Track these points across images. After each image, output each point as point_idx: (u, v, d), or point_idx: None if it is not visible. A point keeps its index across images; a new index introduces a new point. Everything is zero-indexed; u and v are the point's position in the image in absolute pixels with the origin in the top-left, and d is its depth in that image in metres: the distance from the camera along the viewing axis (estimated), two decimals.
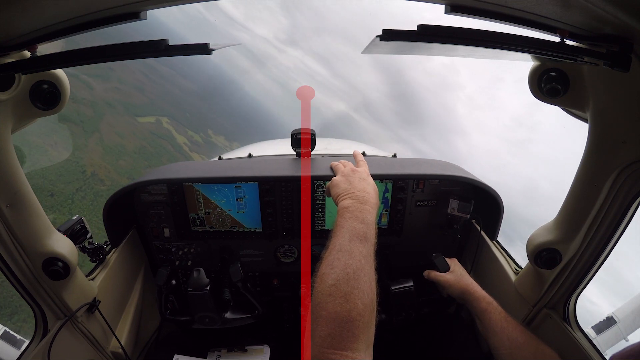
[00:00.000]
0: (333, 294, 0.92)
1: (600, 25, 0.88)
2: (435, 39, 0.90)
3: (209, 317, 1.86)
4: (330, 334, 0.87)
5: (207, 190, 1.91)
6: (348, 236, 1.07)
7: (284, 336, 2.18)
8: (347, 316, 0.89)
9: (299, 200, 1.93)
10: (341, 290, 0.93)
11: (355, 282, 0.94)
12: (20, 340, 2.29)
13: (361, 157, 1.58)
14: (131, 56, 1.00)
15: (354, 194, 1.27)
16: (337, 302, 0.91)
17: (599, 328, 2.62)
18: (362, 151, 2.75)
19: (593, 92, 1.11)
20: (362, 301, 0.92)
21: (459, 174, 1.86)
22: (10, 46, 0.97)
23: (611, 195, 1.17)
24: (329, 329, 0.88)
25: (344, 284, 0.94)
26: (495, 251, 1.84)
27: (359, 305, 0.91)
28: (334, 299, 0.91)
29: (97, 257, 1.73)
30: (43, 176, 21.66)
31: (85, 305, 1.54)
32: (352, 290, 0.93)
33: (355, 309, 0.90)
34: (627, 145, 1.07)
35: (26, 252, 1.28)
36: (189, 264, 2.09)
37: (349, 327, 0.88)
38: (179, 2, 0.94)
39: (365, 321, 0.91)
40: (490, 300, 1.54)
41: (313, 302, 0.96)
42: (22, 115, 1.20)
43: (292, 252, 2.10)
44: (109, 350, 1.74)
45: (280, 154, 2.74)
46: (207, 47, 0.90)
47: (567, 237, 1.32)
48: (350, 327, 0.88)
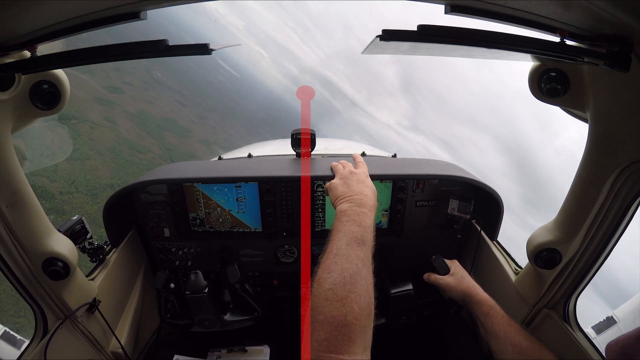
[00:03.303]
0: (329, 298, 0.93)
1: (600, 25, 0.88)
2: (435, 39, 0.90)
3: (208, 320, 1.86)
4: (327, 338, 0.88)
5: (207, 190, 1.91)
6: (345, 240, 1.07)
7: (284, 336, 2.18)
8: (343, 320, 0.89)
9: (299, 201, 1.93)
10: (337, 294, 0.93)
11: (352, 286, 0.95)
12: (20, 340, 2.28)
13: (360, 159, 1.57)
14: (131, 56, 1.00)
15: (352, 197, 1.27)
16: (333, 307, 0.91)
17: (599, 328, 2.62)
18: (362, 151, 2.76)
19: (593, 92, 1.11)
20: (358, 305, 0.92)
21: (459, 174, 1.86)
22: (10, 46, 0.97)
23: (611, 195, 1.17)
24: (325, 333, 0.89)
25: (341, 288, 0.94)
26: (495, 251, 1.84)
27: (355, 309, 0.91)
28: (330, 303, 0.92)
29: (97, 257, 1.73)
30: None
31: (85, 305, 1.54)
32: (349, 294, 0.93)
33: (351, 312, 0.91)
34: (627, 145, 1.07)
35: (26, 252, 1.28)
36: (189, 264, 2.08)
37: (345, 331, 0.89)
38: (179, 2, 0.94)
39: (361, 325, 0.91)
40: (492, 303, 1.53)
41: (311, 306, 0.96)
42: (22, 115, 1.20)
43: (292, 252, 2.10)
44: (109, 351, 1.74)
45: (280, 154, 2.74)
46: (207, 47, 0.90)
47: (567, 237, 1.32)
48: (346, 331, 0.89)
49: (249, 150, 2.81)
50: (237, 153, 3.25)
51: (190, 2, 0.94)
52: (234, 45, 1.27)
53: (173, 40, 0.91)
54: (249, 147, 3.53)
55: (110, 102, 30.87)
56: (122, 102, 33.04)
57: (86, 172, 18.84)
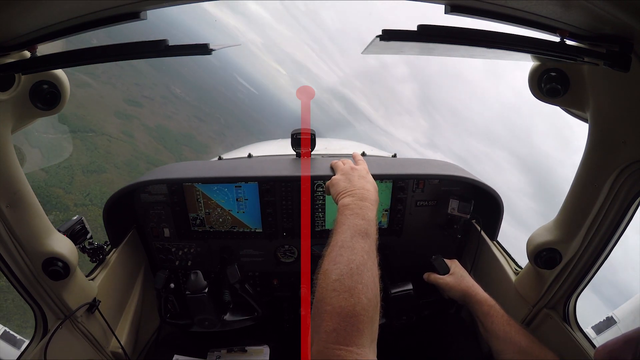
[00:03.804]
0: (337, 289, 0.92)
1: (600, 25, 0.88)
2: (435, 39, 0.90)
3: (208, 320, 1.86)
4: (336, 328, 0.87)
5: (207, 190, 1.91)
6: (349, 233, 1.07)
7: (284, 336, 2.18)
8: (352, 310, 0.89)
9: (299, 201, 1.93)
10: (345, 285, 0.93)
11: (359, 277, 0.95)
12: (20, 340, 2.28)
13: (360, 157, 1.58)
14: (131, 56, 1.00)
15: (354, 191, 1.27)
16: (341, 297, 0.91)
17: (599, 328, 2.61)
18: (362, 151, 2.76)
19: (593, 92, 1.11)
20: (365, 296, 0.92)
21: (459, 174, 1.86)
22: (10, 46, 0.97)
23: (611, 195, 1.17)
24: (334, 324, 0.88)
25: (348, 279, 0.94)
26: (495, 251, 1.84)
27: (363, 300, 0.91)
28: (338, 293, 0.92)
29: (97, 257, 1.73)
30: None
31: (85, 305, 1.54)
32: (356, 285, 0.93)
33: (359, 303, 0.90)
34: (627, 145, 1.07)
35: (26, 252, 1.28)
36: (189, 264, 2.08)
37: (353, 321, 0.88)
38: (179, 2, 0.94)
39: (369, 316, 0.91)
40: (492, 303, 1.53)
41: (316, 298, 0.96)
42: (22, 115, 1.20)
43: (292, 252, 2.10)
44: (109, 350, 1.74)
45: (280, 154, 2.74)
46: (207, 48, 0.90)
47: (567, 237, 1.32)
48: (355, 322, 0.88)
49: (249, 150, 2.81)
50: (237, 153, 3.25)
51: (191, 2, 0.94)
52: (234, 46, 1.27)
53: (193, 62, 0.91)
54: (249, 147, 3.53)
55: (128, 116, 30.92)
56: (140, 116, 33.09)
57: (102, 185, 18.73)
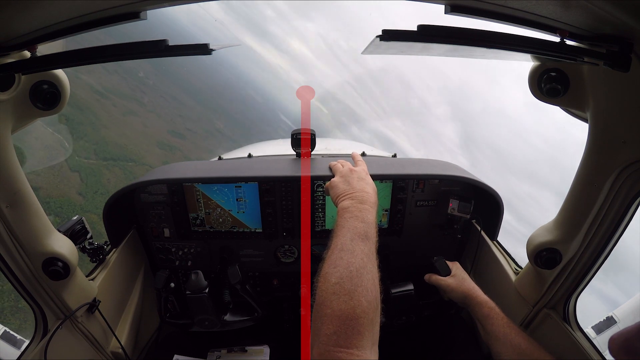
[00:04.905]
0: (337, 292, 0.93)
1: (600, 25, 0.88)
2: (435, 39, 0.90)
3: (208, 320, 1.86)
4: (336, 331, 0.88)
5: (207, 190, 1.91)
6: (349, 235, 1.08)
7: (284, 336, 2.18)
8: (352, 313, 0.89)
9: (299, 201, 1.93)
10: (345, 288, 0.93)
11: (359, 280, 0.95)
12: (20, 340, 2.29)
13: (359, 158, 1.58)
14: (131, 56, 1.00)
15: (353, 194, 1.27)
16: (341, 300, 0.91)
17: (599, 328, 2.62)
18: (362, 151, 2.76)
19: (593, 92, 1.11)
20: (366, 298, 0.92)
21: (459, 174, 1.86)
22: (10, 46, 0.97)
23: (611, 195, 1.17)
24: (334, 327, 0.88)
25: (348, 282, 0.94)
26: (496, 251, 1.84)
27: (363, 303, 0.91)
28: (338, 297, 0.92)
29: (97, 257, 1.73)
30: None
31: (85, 305, 1.54)
32: (356, 288, 0.93)
33: (359, 306, 0.91)
34: (627, 145, 1.07)
35: (26, 252, 1.28)
36: (189, 264, 2.08)
37: (353, 324, 0.88)
38: (179, 2, 0.94)
39: (369, 318, 0.91)
40: (492, 305, 1.53)
41: (316, 302, 0.96)
42: (22, 115, 1.20)
43: (292, 252, 2.10)
44: (109, 351, 1.74)
45: (280, 154, 2.73)
46: (207, 47, 0.90)
47: (567, 237, 1.32)
48: (355, 325, 0.88)
49: (249, 150, 2.80)
50: (237, 153, 3.24)
51: (191, 2, 0.94)
52: (233, 45, 1.27)
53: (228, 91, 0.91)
54: (249, 147, 3.52)
55: (171, 147, 31.14)
56: (183, 148, 33.15)
57: None
